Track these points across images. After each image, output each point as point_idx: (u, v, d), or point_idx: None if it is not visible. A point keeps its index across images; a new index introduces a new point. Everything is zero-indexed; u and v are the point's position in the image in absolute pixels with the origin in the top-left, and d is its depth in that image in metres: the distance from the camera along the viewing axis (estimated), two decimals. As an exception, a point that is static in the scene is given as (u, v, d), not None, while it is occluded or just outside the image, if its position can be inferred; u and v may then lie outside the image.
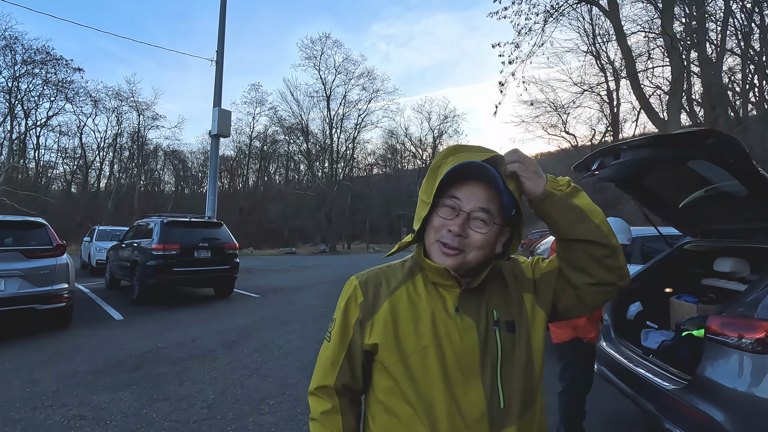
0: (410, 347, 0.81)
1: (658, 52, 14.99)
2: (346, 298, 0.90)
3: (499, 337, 0.83)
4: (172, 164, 46.92)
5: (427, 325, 0.82)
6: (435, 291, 0.85)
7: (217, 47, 14.38)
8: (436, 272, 0.84)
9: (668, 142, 2.14)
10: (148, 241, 7.60)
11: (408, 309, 0.84)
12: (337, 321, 0.90)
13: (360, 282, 0.91)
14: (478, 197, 0.81)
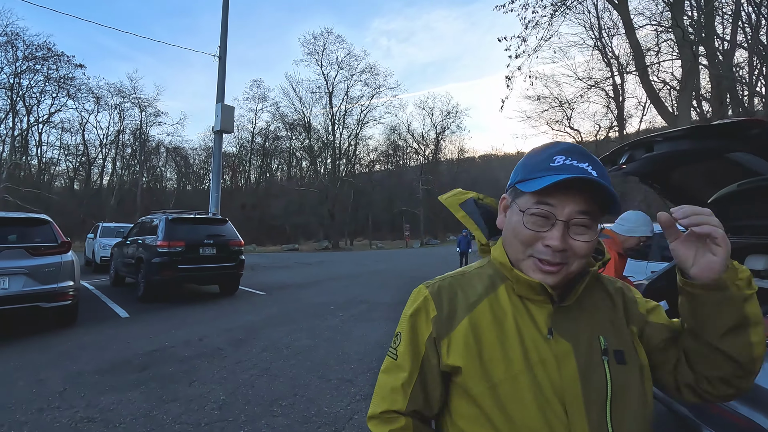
0: (499, 374, 0.69)
1: (665, 47, 14.79)
2: (413, 309, 0.78)
3: (608, 369, 0.69)
4: (174, 161, 46.96)
5: (517, 349, 0.69)
6: (522, 306, 0.73)
7: (220, 42, 14.25)
8: (528, 287, 0.72)
9: (709, 134, 2.03)
10: (153, 238, 7.51)
11: (492, 327, 0.71)
12: (403, 336, 0.77)
13: (432, 292, 0.78)
14: (575, 199, 0.67)
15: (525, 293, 0.73)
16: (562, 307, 0.72)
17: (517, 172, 0.75)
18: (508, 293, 0.74)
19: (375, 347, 4.83)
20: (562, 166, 0.68)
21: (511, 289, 0.74)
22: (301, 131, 40.79)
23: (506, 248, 0.76)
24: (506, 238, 0.76)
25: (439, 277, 0.82)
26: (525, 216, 0.69)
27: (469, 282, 0.79)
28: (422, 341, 0.75)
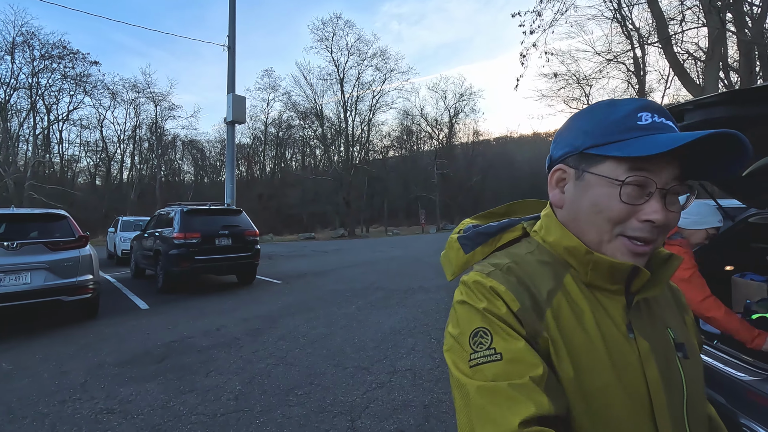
0: (590, 383, 0.56)
1: (690, 14, 14.04)
2: (485, 301, 0.59)
3: (682, 368, 0.62)
4: (191, 154, 47.63)
5: (602, 352, 0.57)
6: (594, 299, 0.61)
7: (229, 32, 14.16)
8: (610, 274, 0.60)
9: (744, 99, 1.84)
10: (170, 230, 7.59)
11: (576, 326, 0.58)
12: (493, 330, 0.56)
13: (502, 281, 0.60)
14: (673, 163, 0.57)
15: (600, 282, 0.61)
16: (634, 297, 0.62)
17: (580, 135, 0.61)
18: (577, 284, 0.62)
19: (391, 334, 4.78)
20: (653, 124, 0.57)
21: (578, 279, 0.62)
22: (313, 119, 40.69)
23: (578, 228, 0.63)
24: (580, 217, 0.62)
25: (494, 263, 0.64)
26: (623, 187, 0.56)
27: (531, 268, 0.63)
28: (521, 332, 0.57)
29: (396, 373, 3.60)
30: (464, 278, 0.63)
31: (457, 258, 0.72)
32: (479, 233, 0.72)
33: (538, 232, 0.68)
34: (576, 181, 0.61)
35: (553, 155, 0.66)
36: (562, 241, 0.63)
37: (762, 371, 1.88)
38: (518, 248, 0.68)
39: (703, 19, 10.76)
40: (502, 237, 0.71)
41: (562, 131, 0.66)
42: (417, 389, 3.27)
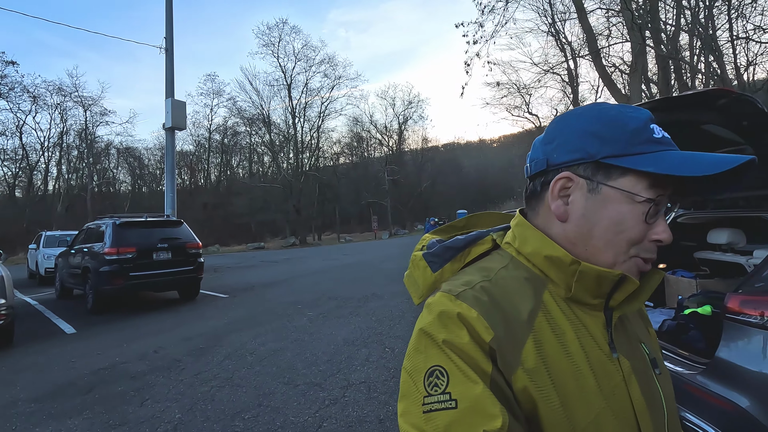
0: (581, 413, 0.50)
1: (615, 30, 15.25)
2: (448, 331, 0.50)
3: (659, 384, 0.59)
4: (127, 162, 44.52)
5: (590, 377, 0.52)
6: (575, 317, 0.55)
7: (166, 34, 13.43)
8: (597, 283, 0.54)
9: (677, 105, 1.95)
10: (100, 245, 6.96)
11: (560, 351, 0.52)
12: (451, 371, 0.48)
13: (478, 306, 0.51)
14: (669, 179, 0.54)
15: (582, 296, 0.55)
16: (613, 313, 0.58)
17: (594, 141, 0.54)
18: (556, 301, 0.56)
19: (344, 345, 4.64)
20: (664, 139, 0.54)
21: (557, 295, 0.56)
22: (260, 126, 39.62)
23: (589, 247, 0.55)
24: (595, 234, 0.55)
25: (464, 281, 0.55)
26: (651, 206, 0.52)
27: (508, 287, 0.55)
28: (485, 371, 0.48)
29: (350, 387, 3.48)
30: (429, 301, 0.55)
31: (424, 277, 0.62)
32: (447, 248, 0.63)
33: (511, 244, 0.61)
34: (589, 193, 0.54)
35: (552, 159, 0.57)
36: (542, 250, 0.56)
37: (697, 365, 1.98)
38: (490, 262, 0.59)
39: (627, 35, 11.71)
40: (470, 251, 0.63)
41: (563, 132, 0.57)
42: (372, 403, 3.16)
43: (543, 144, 0.59)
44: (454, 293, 0.53)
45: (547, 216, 0.58)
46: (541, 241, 0.57)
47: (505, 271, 0.57)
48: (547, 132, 0.60)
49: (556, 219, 0.57)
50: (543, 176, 0.58)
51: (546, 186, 0.57)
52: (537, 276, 0.57)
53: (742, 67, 20.94)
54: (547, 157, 0.57)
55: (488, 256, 0.62)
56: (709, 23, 17.78)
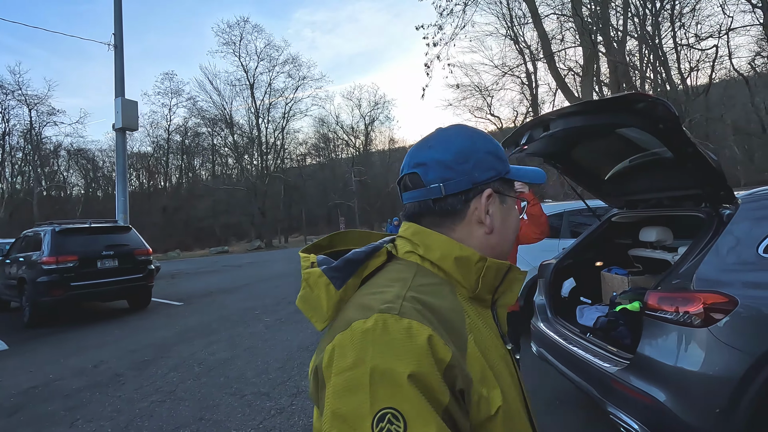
0: (511, 405, 0.53)
1: (569, 35, 15.86)
2: (413, 363, 0.43)
3: (517, 370, 0.64)
4: (78, 164, 42.13)
5: (505, 369, 0.57)
6: (478, 314, 0.60)
7: (115, 30, 12.77)
8: (496, 276, 0.60)
9: (599, 109, 2.00)
10: (38, 253, 6.51)
11: (487, 349, 0.55)
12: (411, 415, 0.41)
13: (427, 321, 0.47)
14: None
15: (484, 292, 0.60)
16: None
17: (496, 160, 0.63)
18: (465, 301, 0.59)
19: (299, 351, 4.54)
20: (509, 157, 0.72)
21: (464, 295, 0.59)
22: (223, 127, 38.53)
23: (501, 250, 0.64)
24: (508, 238, 0.66)
25: (394, 294, 0.51)
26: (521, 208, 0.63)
27: (433, 293, 0.54)
28: (442, 403, 0.44)
29: (299, 394, 3.39)
30: (360, 324, 0.46)
31: (328, 297, 0.55)
32: (348, 261, 0.57)
33: (414, 252, 0.60)
34: (501, 204, 0.63)
35: (476, 178, 0.60)
36: (451, 252, 0.58)
37: (623, 360, 2.03)
38: (399, 273, 0.57)
39: (578, 39, 12.18)
40: (368, 264, 0.59)
41: (474, 153, 0.61)
42: (319, 410, 3.09)
43: (459, 164, 0.60)
44: (394, 311, 0.47)
45: (468, 231, 0.61)
46: (449, 245, 0.59)
47: (419, 279, 0.56)
48: (455, 153, 0.61)
49: (481, 231, 0.61)
50: (464, 194, 0.60)
51: (468, 203, 0.60)
52: (445, 280, 0.59)
53: (685, 72, 22.30)
54: (470, 176, 0.60)
55: (388, 268, 0.59)
56: (655, 32, 18.83)
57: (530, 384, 3.21)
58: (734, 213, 1.96)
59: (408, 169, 0.63)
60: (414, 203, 0.62)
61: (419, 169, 0.61)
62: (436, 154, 0.61)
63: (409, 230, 0.62)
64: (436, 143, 0.62)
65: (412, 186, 0.62)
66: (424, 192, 0.60)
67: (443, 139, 0.63)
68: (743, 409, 1.63)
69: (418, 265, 0.59)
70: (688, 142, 1.87)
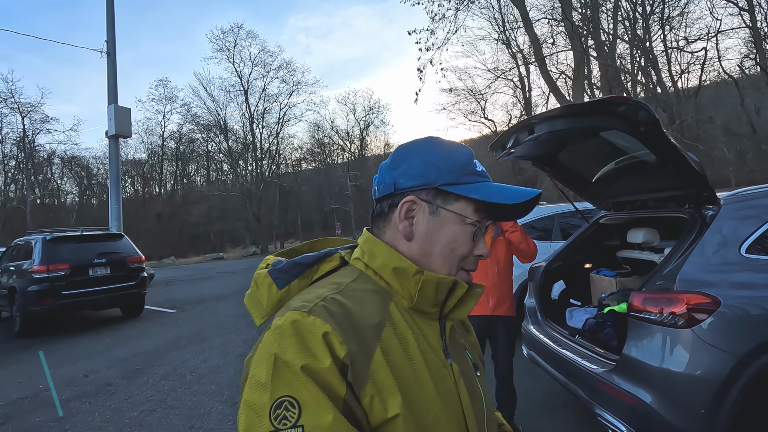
0: (423, 416, 0.53)
1: (560, 39, 16.01)
2: (305, 354, 0.47)
3: (480, 385, 0.66)
4: (72, 172, 41.85)
5: (429, 382, 0.56)
6: (416, 326, 0.60)
7: (107, 37, 12.78)
8: (436, 289, 0.60)
9: (581, 112, 2.02)
10: (29, 262, 6.46)
11: (405, 359, 0.55)
12: (305, 400, 0.45)
13: (327, 318, 0.50)
14: None
15: (423, 304, 0.60)
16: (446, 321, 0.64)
17: (432, 170, 0.61)
18: (401, 312, 0.59)
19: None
20: (483, 172, 0.65)
21: (401, 306, 0.60)
22: (217, 133, 38.46)
23: (429, 262, 0.62)
24: (435, 251, 0.62)
25: (314, 294, 0.55)
26: (477, 227, 0.62)
27: (358, 298, 0.57)
28: (339, 395, 0.46)
29: (290, 401, 3.37)
30: (277, 320, 0.51)
31: (269, 296, 0.60)
32: (295, 264, 0.62)
33: (360, 259, 0.64)
34: (430, 215, 0.61)
35: (399, 184, 0.62)
36: (390, 262, 0.60)
37: (610, 362, 2.04)
38: (339, 277, 0.61)
39: (569, 43, 12.29)
40: (319, 267, 0.64)
41: (406, 160, 0.63)
42: (311, 417, 3.07)
43: (389, 169, 0.63)
44: (305, 309, 0.51)
45: (394, 235, 0.62)
46: (389, 255, 0.61)
47: (355, 284, 0.59)
48: (392, 158, 0.64)
49: (403, 238, 0.61)
50: (390, 199, 0.62)
51: (393, 208, 0.62)
52: (383, 289, 0.60)
53: (676, 75, 22.54)
54: (394, 181, 0.62)
55: (337, 272, 0.63)
56: (646, 35, 19.05)
57: (521, 386, 3.21)
58: (717, 213, 1.98)
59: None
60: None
61: (377, 176, 0.66)
62: (387, 160, 0.66)
63: (363, 237, 0.66)
64: (396, 150, 0.67)
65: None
66: (373, 195, 0.66)
67: (400, 146, 0.66)
68: (727, 409, 1.64)
69: (361, 271, 0.62)
70: (669, 144, 1.89)
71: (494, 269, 2.38)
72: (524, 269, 3.65)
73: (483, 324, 2.40)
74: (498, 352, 2.42)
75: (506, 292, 2.41)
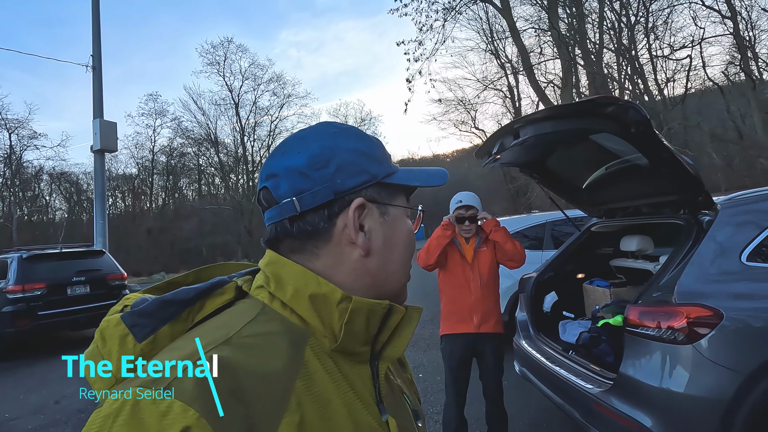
0: None
1: (548, 48, 16.19)
2: None
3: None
4: (61, 188, 41.32)
5: None
6: (341, 376, 0.44)
7: (93, 51, 12.70)
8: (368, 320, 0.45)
9: (568, 113, 1.91)
10: (4, 282, 6.20)
11: (335, 426, 0.41)
12: None
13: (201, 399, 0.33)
14: None
15: (351, 343, 0.45)
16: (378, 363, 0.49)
17: (370, 161, 0.49)
18: (319, 359, 0.43)
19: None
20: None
21: (320, 349, 0.44)
22: (208, 146, 38.32)
23: (388, 277, 0.50)
24: (395, 259, 0.50)
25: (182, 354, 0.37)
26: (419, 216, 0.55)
27: (255, 352, 0.39)
28: None
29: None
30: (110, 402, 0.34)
31: (123, 351, 0.42)
32: (165, 303, 0.44)
33: (265, 287, 0.47)
34: (381, 218, 0.49)
35: (339, 186, 0.46)
36: (305, 288, 0.45)
37: (606, 380, 1.89)
38: (231, 317, 0.44)
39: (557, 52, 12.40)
40: (205, 304, 0.46)
41: (335, 154, 0.48)
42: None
43: (313, 170, 0.47)
44: (161, 384, 0.34)
45: (337, 255, 0.48)
46: (304, 278, 0.45)
47: (252, 326, 0.42)
48: (310, 156, 0.47)
49: (356, 254, 0.47)
50: (325, 209, 0.46)
51: (333, 219, 0.47)
52: (295, 327, 0.44)
53: (662, 83, 22.87)
54: (330, 183, 0.46)
55: (230, 309, 0.46)
56: (631, 44, 19.34)
57: (514, 404, 3.05)
58: (714, 219, 1.86)
59: (260, 183, 0.49)
60: (270, 226, 0.49)
61: (270, 181, 0.48)
62: (289, 161, 0.48)
63: (264, 260, 0.50)
64: (290, 147, 0.49)
65: (265, 204, 0.49)
66: (278, 210, 0.47)
67: (297, 141, 0.49)
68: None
69: (264, 305, 0.45)
70: (661, 145, 1.78)
71: (477, 283, 2.22)
72: (515, 280, 3.52)
73: (469, 342, 2.24)
74: (486, 372, 2.26)
75: (492, 307, 2.25)
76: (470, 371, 2.29)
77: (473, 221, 2.28)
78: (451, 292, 2.28)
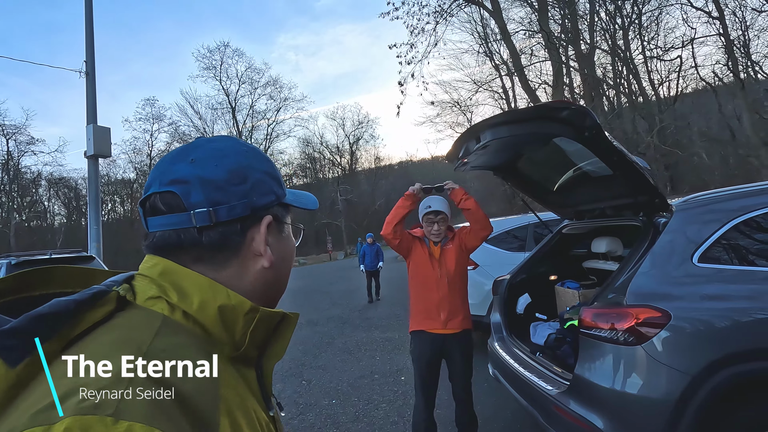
0: None
1: (540, 50, 16.25)
2: None
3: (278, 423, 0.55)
4: (59, 193, 41.36)
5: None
6: (241, 379, 0.47)
7: (86, 56, 12.61)
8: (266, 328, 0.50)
9: (524, 117, 1.93)
10: (-7, 288, 6.22)
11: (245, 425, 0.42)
12: None
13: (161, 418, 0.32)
14: None
15: (250, 350, 0.49)
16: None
17: (274, 182, 0.55)
18: (226, 366, 0.45)
19: (277, 379, 4.33)
20: None
21: (224, 359, 0.45)
22: (206, 150, 38.50)
23: (278, 290, 0.56)
24: (284, 272, 0.56)
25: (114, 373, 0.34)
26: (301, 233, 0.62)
27: (178, 365, 0.38)
28: None
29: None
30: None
31: None
32: (38, 319, 0.37)
33: (163, 297, 0.45)
34: (279, 234, 0.55)
35: (255, 203, 0.50)
36: (215, 300, 0.45)
37: (564, 381, 1.91)
38: (128, 330, 0.40)
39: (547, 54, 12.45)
40: (85, 318, 0.40)
41: (251, 172, 0.51)
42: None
43: (232, 185, 0.49)
44: (105, 410, 0.31)
45: (242, 267, 0.50)
46: (212, 289, 0.46)
47: (163, 339, 0.40)
48: (229, 171, 0.49)
49: (258, 266, 0.51)
50: (240, 222, 0.49)
51: (244, 234, 0.50)
52: (201, 338, 0.45)
53: (656, 83, 22.94)
54: (248, 200, 0.50)
55: (114, 323, 0.41)
56: (625, 45, 19.40)
57: (490, 406, 3.07)
58: (668, 221, 1.88)
59: (159, 186, 0.48)
60: (168, 232, 0.47)
61: (178, 187, 0.47)
62: (203, 171, 0.48)
63: (155, 268, 0.47)
64: (201, 157, 0.49)
65: (165, 209, 0.47)
66: (185, 218, 0.46)
67: (213, 154, 0.50)
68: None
69: (164, 317, 0.43)
70: (613, 149, 1.80)
71: (444, 280, 2.24)
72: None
73: (437, 343, 2.25)
74: (454, 373, 2.27)
75: (459, 304, 2.26)
76: (439, 373, 2.31)
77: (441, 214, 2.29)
78: (419, 288, 2.31)
